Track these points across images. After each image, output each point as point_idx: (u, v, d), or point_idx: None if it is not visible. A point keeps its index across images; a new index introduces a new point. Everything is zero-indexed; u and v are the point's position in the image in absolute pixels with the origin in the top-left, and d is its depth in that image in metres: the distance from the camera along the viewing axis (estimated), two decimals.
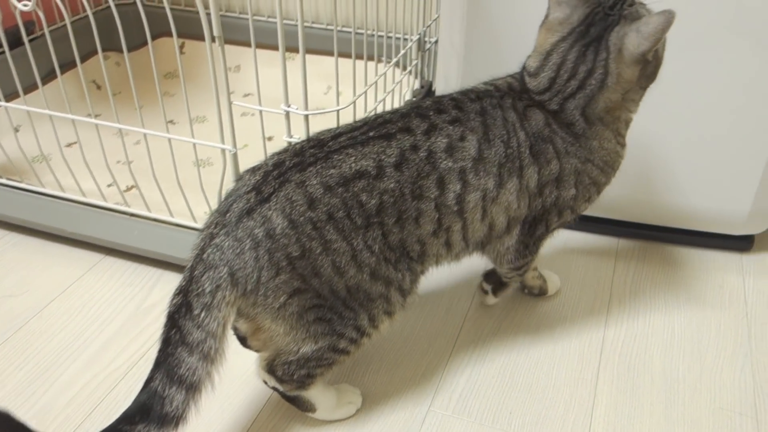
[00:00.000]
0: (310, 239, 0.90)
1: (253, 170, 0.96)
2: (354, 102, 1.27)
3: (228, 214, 0.91)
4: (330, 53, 1.20)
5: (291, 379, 1.00)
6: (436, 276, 1.07)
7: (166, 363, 0.88)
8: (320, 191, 0.90)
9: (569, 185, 1.05)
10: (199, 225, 1.31)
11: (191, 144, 1.25)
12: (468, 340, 1.23)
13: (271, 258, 0.89)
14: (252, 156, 1.24)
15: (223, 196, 1.25)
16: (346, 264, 0.92)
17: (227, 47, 1.16)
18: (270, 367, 1.00)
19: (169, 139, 1.25)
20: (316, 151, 0.94)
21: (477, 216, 1.00)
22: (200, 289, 0.89)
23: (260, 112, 1.21)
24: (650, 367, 1.18)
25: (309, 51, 1.46)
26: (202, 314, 0.88)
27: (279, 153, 0.97)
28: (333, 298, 0.93)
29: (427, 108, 1.00)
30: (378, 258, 0.94)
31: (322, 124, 1.21)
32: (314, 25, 1.91)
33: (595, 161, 1.06)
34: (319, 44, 1.75)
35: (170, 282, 1.34)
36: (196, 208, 1.31)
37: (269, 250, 0.89)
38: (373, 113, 1.37)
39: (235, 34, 1.73)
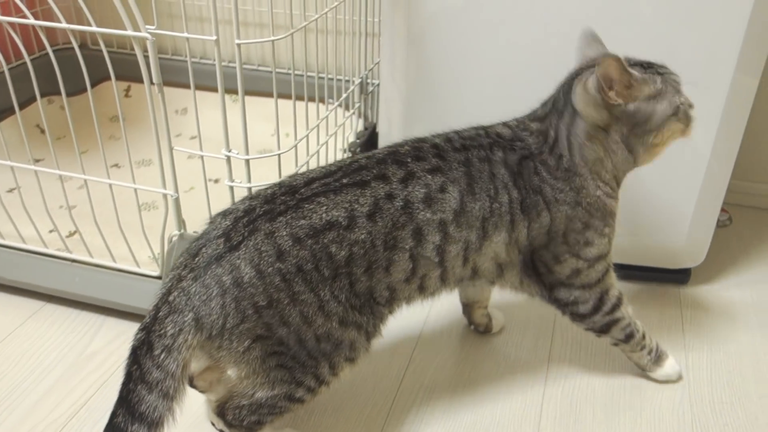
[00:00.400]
0: (278, 290, 0.90)
1: (224, 214, 0.95)
2: (295, 146, 1.29)
3: (197, 258, 0.91)
4: (278, 96, 1.22)
5: (240, 425, 1.00)
6: None
7: (127, 399, 0.89)
8: (289, 243, 0.90)
9: (559, 232, 1.04)
10: (143, 270, 1.30)
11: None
12: (413, 381, 1.23)
13: (237, 306, 0.89)
14: (199, 198, 1.25)
15: (167, 240, 1.25)
16: (313, 314, 0.92)
17: (175, 90, 1.17)
18: (221, 410, 1.00)
19: (110, 185, 1.24)
20: (287, 198, 0.93)
21: (458, 263, 1.00)
22: (162, 331, 0.89)
23: (202, 157, 1.22)
24: (592, 402, 1.20)
25: (257, 93, 1.48)
26: (162, 355, 0.88)
27: (251, 198, 0.96)
28: (298, 347, 0.93)
29: (405, 154, 0.99)
30: (345, 306, 0.94)
31: (265, 167, 1.22)
32: (260, 68, 1.93)
33: (583, 204, 1.04)
34: (266, 86, 1.76)
35: (113, 328, 1.32)
36: (140, 253, 1.30)
37: (236, 298, 0.89)
38: (316, 155, 1.39)
39: (182, 77, 1.73)
